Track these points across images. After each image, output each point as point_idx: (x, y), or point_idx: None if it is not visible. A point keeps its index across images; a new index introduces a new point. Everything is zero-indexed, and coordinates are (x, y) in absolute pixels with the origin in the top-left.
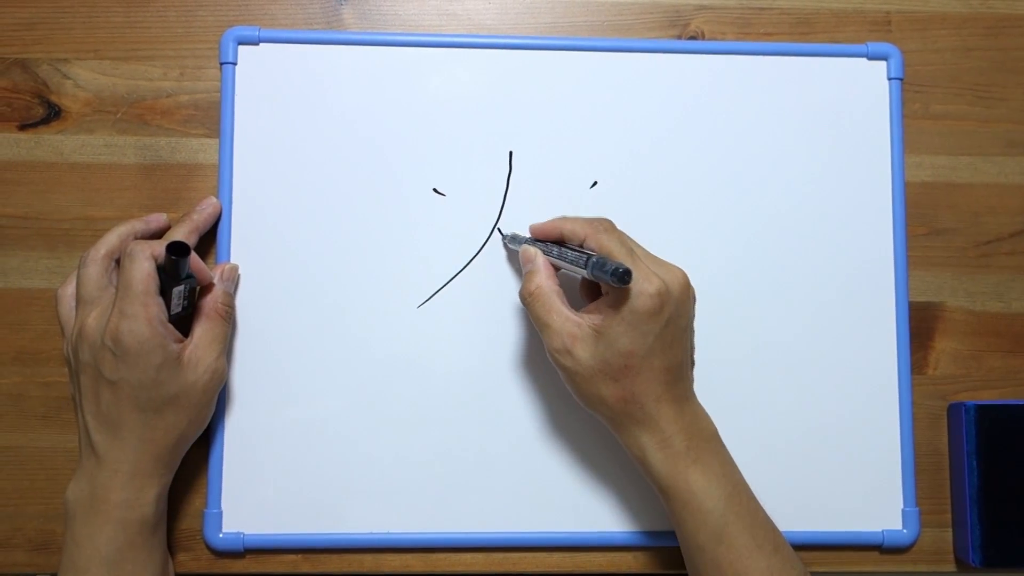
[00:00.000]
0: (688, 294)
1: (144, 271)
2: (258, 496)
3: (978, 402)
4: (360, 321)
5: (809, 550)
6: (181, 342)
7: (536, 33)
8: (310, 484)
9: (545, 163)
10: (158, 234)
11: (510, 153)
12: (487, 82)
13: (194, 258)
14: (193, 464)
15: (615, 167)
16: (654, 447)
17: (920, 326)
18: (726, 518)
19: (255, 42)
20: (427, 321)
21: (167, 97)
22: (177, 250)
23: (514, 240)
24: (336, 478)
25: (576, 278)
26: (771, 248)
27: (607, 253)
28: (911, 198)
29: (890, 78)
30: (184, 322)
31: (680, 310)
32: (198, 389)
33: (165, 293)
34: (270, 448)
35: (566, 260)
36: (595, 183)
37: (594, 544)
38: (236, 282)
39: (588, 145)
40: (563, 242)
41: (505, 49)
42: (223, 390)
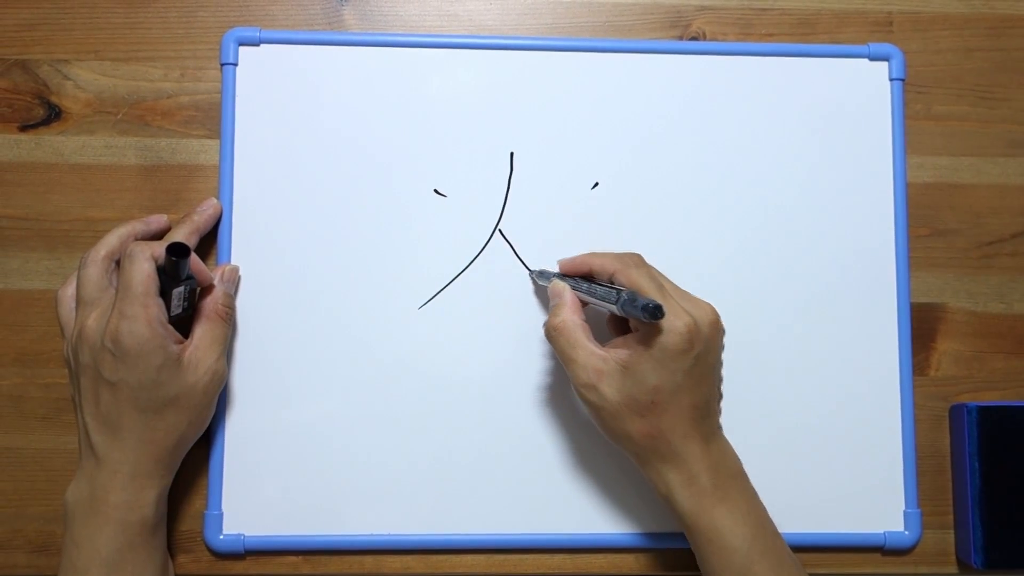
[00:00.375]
0: (717, 331)
1: (144, 272)
2: (259, 497)
3: (980, 403)
4: (361, 322)
5: (810, 551)
6: (181, 343)
7: (537, 34)
8: (310, 486)
9: (546, 164)
10: (158, 235)
11: (511, 154)
12: (488, 83)
13: (194, 259)
14: (193, 465)
15: (616, 168)
16: (680, 484)
17: (922, 327)
18: (751, 557)
19: (256, 43)
20: (428, 322)
21: (168, 98)
22: (177, 251)
23: (542, 276)
24: (336, 480)
25: (602, 313)
26: (772, 248)
27: (637, 288)
28: (913, 199)
29: (892, 79)
30: (184, 323)
31: (709, 347)
32: (198, 390)
33: (165, 294)
34: (271, 449)
35: (596, 296)
36: (596, 184)
37: (595, 546)
38: (236, 283)
39: (589, 146)
40: (592, 277)
41: (506, 50)
42: (223, 391)
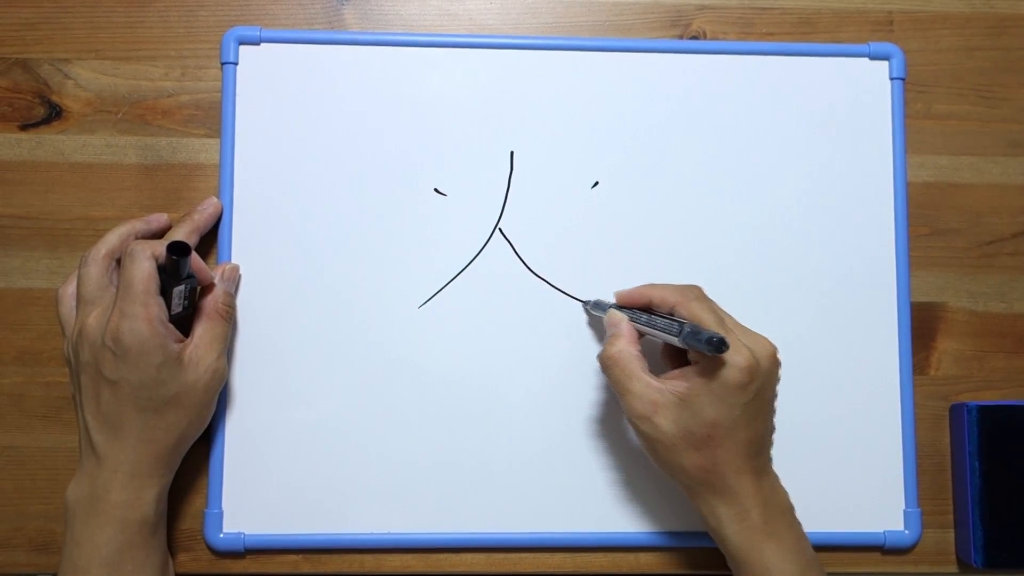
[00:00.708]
0: (776, 366)
1: (145, 271)
2: (259, 496)
3: (980, 403)
4: (361, 321)
5: None
6: (182, 342)
7: (537, 33)
8: (311, 484)
9: (546, 163)
10: (159, 234)
11: (511, 153)
12: (488, 82)
13: (195, 258)
14: (194, 464)
15: (616, 167)
16: (731, 519)
17: (922, 326)
18: None
19: (256, 42)
20: (428, 321)
21: (168, 97)
22: (178, 250)
23: (596, 306)
24: (337, 478)
25: (655, 345)
26: (773, 248)
27: (698, 322)
28: (913, 198)
29: (892, 78)
30: (185, 322)
31: (767, 383)
32: (199, 389)
33: (166, 293)
34: (271, 448)
35: (656, 327)
36: (596, 183)
37: (595, 545)
38: (237, 282)
39: (589, 145)
40: (650, 309)
41: (506, 49)
42: (224, 390)
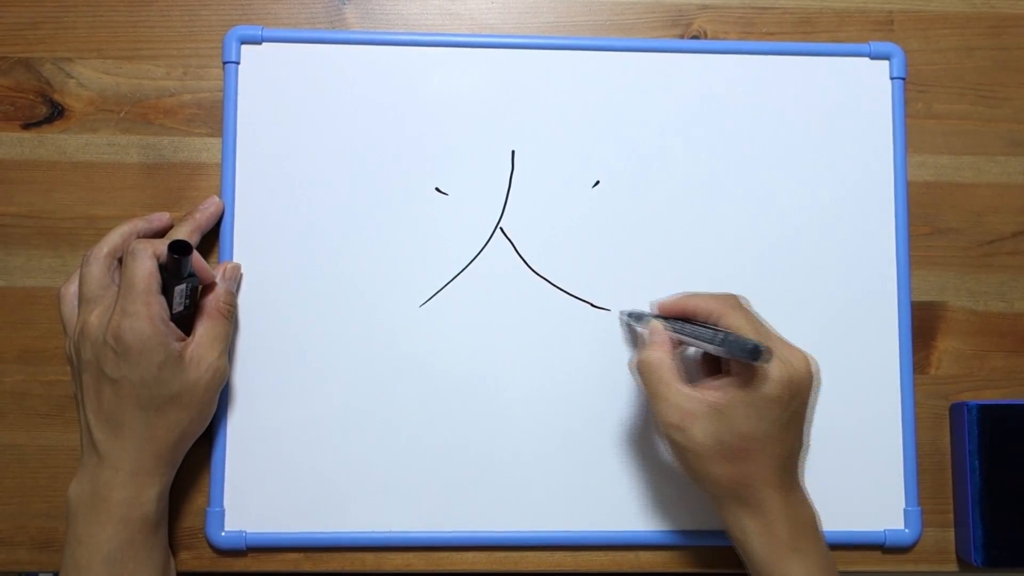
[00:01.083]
0: (811, 380)
1: (146, 269)
2: (260, 494)
3: (980, 402)
4: (362, 320)
5: None
6: (183, 341)
7: (538, 32)
8: (312, 483)
9: (547, 162)
10: (160, 233)
11: (512, 152)
12: (489, 81)
13: (196, 257)
14: (195, 462)
15: (617, 166)
16: (757, 532)
17: (922, 326)
18: None
19: (258, 41)
20: (429, 320)
21: (170, 96)
22: (179, 249)
23: (632, 316)
24: (338, 477)
25: (688, 354)
26: (773, 247)
27: (738, 331)
28: (913, 198)
29: (892, 78)
30: (186, 321)
31: (803, 397)
32: (200, 387)
33: (167, 292)
34: (272, 446)
35: (697, 337)
36: (597, 182)
37: (596, 543)
38: (238, 281)
39: (590, 144)
40: (689, 318)
41: (507, 49)
42: (225, 388)
